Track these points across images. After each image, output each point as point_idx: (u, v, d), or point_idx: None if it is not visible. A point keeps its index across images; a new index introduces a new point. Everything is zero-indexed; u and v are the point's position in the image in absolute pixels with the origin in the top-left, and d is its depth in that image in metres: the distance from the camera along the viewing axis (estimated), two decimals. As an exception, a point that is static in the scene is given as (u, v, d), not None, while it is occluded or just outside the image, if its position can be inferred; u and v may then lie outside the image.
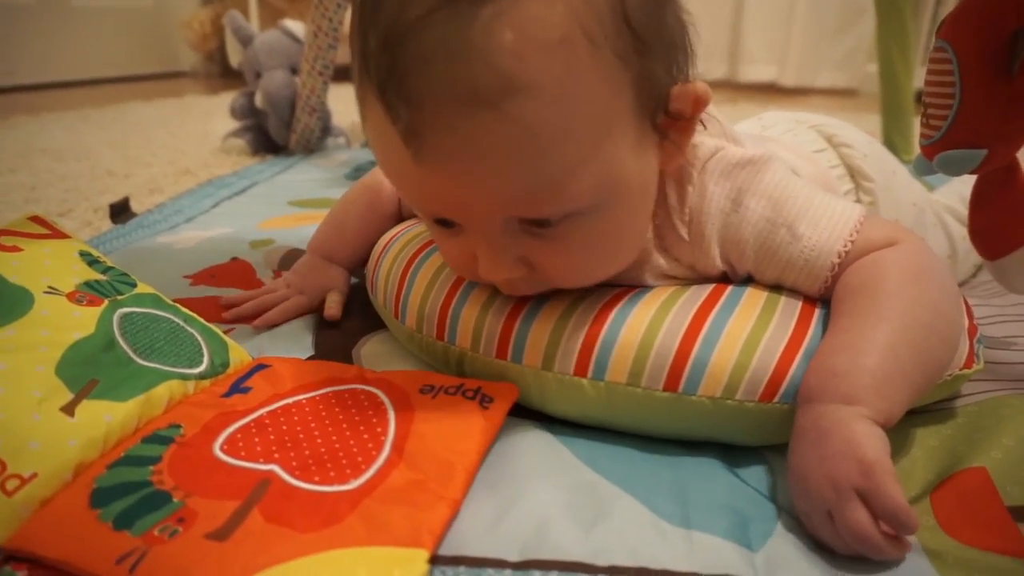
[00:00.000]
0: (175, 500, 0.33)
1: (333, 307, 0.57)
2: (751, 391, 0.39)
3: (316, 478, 0.35)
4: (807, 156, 0.58)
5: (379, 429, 0.38)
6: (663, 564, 0.32)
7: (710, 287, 0.44)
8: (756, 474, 0.40)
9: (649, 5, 0.36)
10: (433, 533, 0.32)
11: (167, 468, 0.35)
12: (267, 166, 1.21)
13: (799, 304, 0.42)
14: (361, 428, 0.39)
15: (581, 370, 0.41)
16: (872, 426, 0.34)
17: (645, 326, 0.41)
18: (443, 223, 0.41)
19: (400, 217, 0.61)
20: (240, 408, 0.41)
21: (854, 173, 0.59)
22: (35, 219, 0.49)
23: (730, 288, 0.43)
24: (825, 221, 0.42)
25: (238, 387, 0.43)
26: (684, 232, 0.44)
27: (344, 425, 0.39)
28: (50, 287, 0.42)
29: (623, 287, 0.45)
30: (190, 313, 0.48)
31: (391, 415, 0.40)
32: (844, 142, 0.60)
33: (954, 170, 0.49)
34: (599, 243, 0.40)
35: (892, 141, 1.19)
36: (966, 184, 0.54)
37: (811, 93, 2.48)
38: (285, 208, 0.94)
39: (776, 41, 2.53)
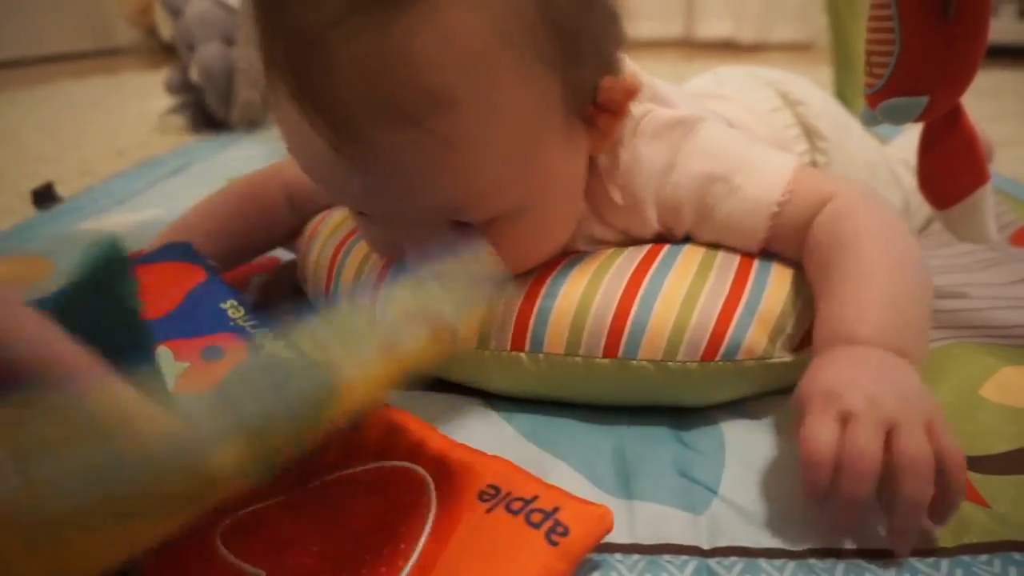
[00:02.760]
0: None
1: None
2: (692, 351, 0.38)
3: None
4: (762, 116, 0.57)
5: (403, 545, 0.30)
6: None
7: (646, 248, 0.42)
8: (704, 436, 0.39)
9: (575, 5, 0.34)
10: None
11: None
12: (206, 143, 1.16)
13: (736, 259, 0.41)
14: (384, 536, 0.30)
15: (518, 344, 0.40)
16: (913, 374, 0.32)
17: (580, 293, 0.39)
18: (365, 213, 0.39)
19: (292, 210, 0.56)
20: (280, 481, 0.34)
21: (809, 133, 0.58)
22: None
23: (666, 248, 0.42)
24: (760, 173, 0.41)
25: None
26: (618, 197, 0.43)
27: (372, 521, 0.31)
28: None
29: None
30: None
31: (427, 526, 0.30)
32: (799, 99, 0.59)
33: (898, 118, 0.48)
34: (526, 239, 0.39)
35: (844, 94, 1.18)
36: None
37: (768, 49, 2.47)
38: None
39: (731, -5, 2.50)
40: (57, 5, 2.49)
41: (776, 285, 0.40)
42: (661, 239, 0.45)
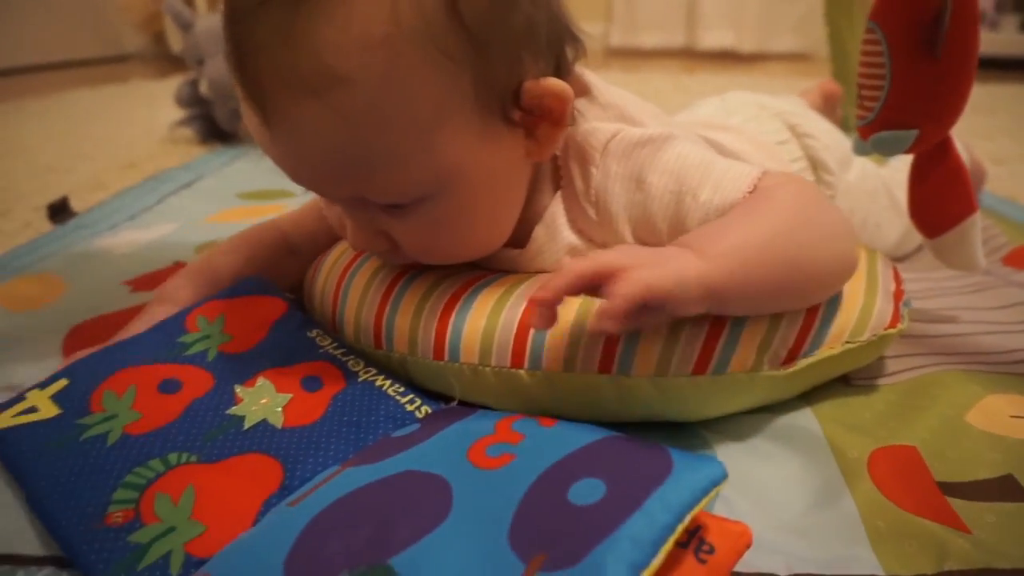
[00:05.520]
0: None
1: None
2: (683, 366, 0.39)
3: None
4: (768, 149, 0.58)
5: None
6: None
7: None
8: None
9: (489, 5, 0.36)
10: None
11: None
12: (214, 157, 1.18)
13: None
14: None
15: (517, 362, 0.41)
16: (699, 286, 0.36)
17: (575, 310, 0.41)
18: None
19: (293, 258, 0.57)
20: None
21: (816, 165, 0.59)
22: None
23: None
24: (726, 182, 0.42)
25: None
26: (592, 212, 0.45)
27: None
28: None
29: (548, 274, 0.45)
30: None
31: None
32: (807, 132, 0.61)
33: (888, 150, 0.49)
34: (446, 227, 0.41)
35: (845, 112, 1.20)
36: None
37: (768, 59, 2.49)
38: (233, 201, 0.92)
39: (733, 5, 2.52)
40: (63, 12, 2.50)
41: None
42: None
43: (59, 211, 0.86)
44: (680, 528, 0.27)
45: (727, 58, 2.52)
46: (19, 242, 0.80)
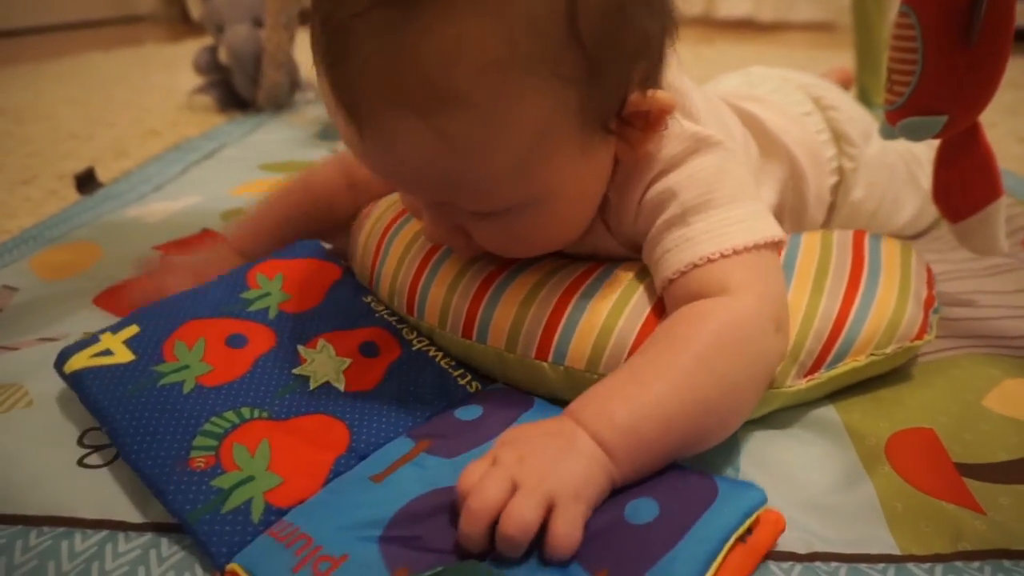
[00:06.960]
0: None
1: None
2: None
3: None
4: (795, 119, 0.58)
5: None
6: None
7: None
8: (722, 448, 0.41)
9: (608, 21, 0.34)
10: None
11: None
12: (235, 126, 1.18)
13: None
14: None
15: (542, 354, 0.42)
16: (606, 483, 0.32)
17: (605, 313, 0.41)
18: None
19: (352, 192, 0.57)
20: None
21: (839, 138, 0.59)
22: None
23: None
24: (720, 228, 0.40)
25: None
26: (612, 195, 0.44)
27: None
28: None
29: (588, 263, 0.45)
30: None
31: None
32: (831, 104, 0.60)
33: (917, 135, 0.49)
34: (531, 230, 0.41)
35: (865, 85, 1.19)
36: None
37: (789, 28, 2.44)
38: (256, 173, 0.93)
39: (753, -27, 2.47)
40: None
41: (792, 312, 0.42)
42: None
43: (86, 182, 0.87)
44: (725, 549, 0.30)
45: (746, 27, 2.48)
46: (46, 209, 0.82)
